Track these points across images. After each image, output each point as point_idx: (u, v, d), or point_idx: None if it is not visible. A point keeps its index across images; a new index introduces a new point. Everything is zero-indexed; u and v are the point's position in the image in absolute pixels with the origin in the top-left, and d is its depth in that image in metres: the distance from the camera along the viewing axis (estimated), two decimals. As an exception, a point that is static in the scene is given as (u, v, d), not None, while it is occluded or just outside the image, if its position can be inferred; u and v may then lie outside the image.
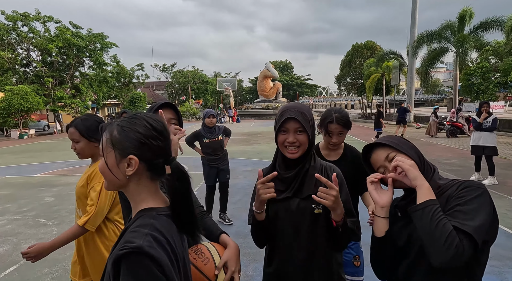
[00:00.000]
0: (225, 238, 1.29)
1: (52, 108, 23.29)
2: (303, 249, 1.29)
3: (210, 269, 1.14)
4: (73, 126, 1.81)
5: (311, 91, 69.27)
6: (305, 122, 1.28)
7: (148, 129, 0.87)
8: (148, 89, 51.98)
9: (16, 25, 22.59)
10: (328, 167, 1.37)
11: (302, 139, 1.28)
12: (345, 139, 2.06)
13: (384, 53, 25.70)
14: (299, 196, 1.30)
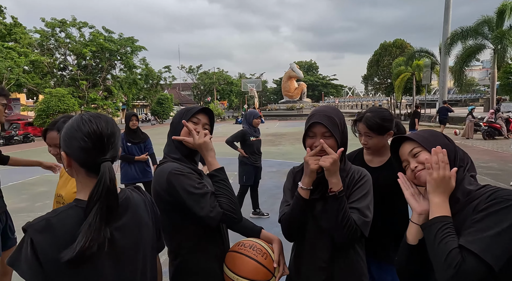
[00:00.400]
0: (266, 233, 1.42)
1: (86, 109, 24.51)
2: (326, 250, 1.30)
3: (270, 263, 1.26)
4: (55, 130, 1.66)
5: (337, 91, 68.07)
6: (333, 126, 1.29)
7: (75, 130, 0.91)
8: (175, 90, 53.40)
9: (54, 31, 24.03)
10: (356, 170, 1.36)
11: (329, 143, 1.28)
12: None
13: (415, 51, 24.71)
14: (325, 198, 1.31)
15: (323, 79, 64.49)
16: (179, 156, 1.34)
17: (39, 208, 5.77)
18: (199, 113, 1.39)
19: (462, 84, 20.27)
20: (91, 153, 0.91)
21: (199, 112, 1.39)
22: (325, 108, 1.38)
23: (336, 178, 1.24)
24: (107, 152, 0.93)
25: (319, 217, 1.32)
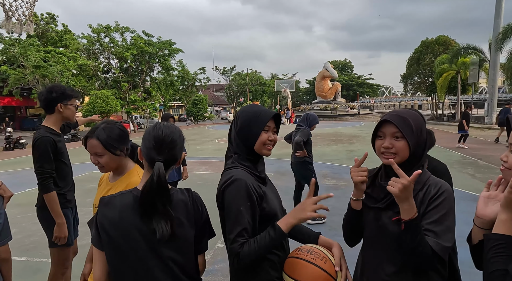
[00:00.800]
0: (325, 239, 1.39)
1: (127, 110, 25.78)
2: (392, 263, 1.22)
3: (330, 267, 1.22)
4: (95, 137, 1.53)
5: (373, 91, 65.73)
6: (405, 127, 1.18)
7: (148, 133, 1.22)
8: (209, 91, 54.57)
9: (100, 36, 25.55)
10: (434, 183, 1.20)
11: (399, 146, 1.19)
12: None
13: (460, 48, 23.13)
14: (392, 209, 1.22)
15: (358, 78, 62.58)
16: (249, 164, 1.31)
17: (90, 203, 6.13)
18: (274, 118, 1.37)
19: (516, 83, 18.66)
20: (151, 152, 1.18)
21: (273, 118, 1.36)
22: (400, 110, 1.30)
23: (408, 204, 1.10)
24: (162, 155, 1.16)
25: (386, 229, 1.23)
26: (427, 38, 29.64)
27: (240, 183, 1.21)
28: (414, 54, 30.07)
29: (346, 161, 9.38)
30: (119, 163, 1.59)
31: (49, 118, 2.32)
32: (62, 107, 2.28)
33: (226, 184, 1.23)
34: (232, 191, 1.21)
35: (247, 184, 1.21)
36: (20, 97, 22.60)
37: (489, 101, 20.62)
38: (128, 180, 1.55)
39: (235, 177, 1.22)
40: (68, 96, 2.29)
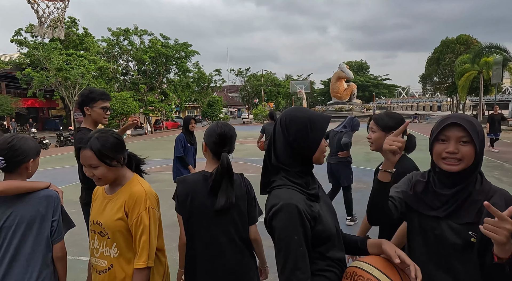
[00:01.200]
0: (372, 241, 1.26)
1: (144, 111, 26.28)
2: (450, 273, 1.17)
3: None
4: (88, 148, 1.39)
5: (389, 92, 64.55)
6: (473, 131, 1.11)
7: (213, 130, 1.67)
8: (223, 92, 54.94)
9: (119, 39, 26.17)
10: (499, 194, 1.14)
11: (466, 151, 1.11)
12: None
13: (483, 47, 22.39)
14: (453, 219, 1.16)
15: (374, 79, 61.61)
16: (300, 181, 1.15)
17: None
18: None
19: (543, 83, 17.88)
20: (217, 146, 1.61)
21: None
22: (461, 114, 1.23)
23: (510, 244, 0.97)
24: (226, 147, 1.63)
25: (445, 239, 1.17)
26: (448, 38, 28.90)
27: (290, 208, 1.06)
28: (433, 54, 29.38)
29: (364, 163, 9.22)
30: (116, 174, 1.47)
31: (85, 121, 2.47)
32: (89, 109, 2.41)
33: (274, 210, 1.08)
34: (282, 218, 1.06)
35: (299, 209, 1.06)
36: (43, 98, 23.40)
37: (514, 102, 19.83)
38: (130, 190, 1.45)
39: (284, 201, 1.08)
40: (92, 99, 2.39)
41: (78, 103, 2.43)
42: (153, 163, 10.70)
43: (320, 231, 1.12)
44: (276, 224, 1.08)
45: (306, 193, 1.14)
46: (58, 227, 1.53)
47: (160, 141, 19.03)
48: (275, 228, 1.09)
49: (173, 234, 4.36)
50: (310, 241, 1.10)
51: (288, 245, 1.05)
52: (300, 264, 1.05)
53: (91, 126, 2.44)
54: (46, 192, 1.53)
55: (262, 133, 7.86)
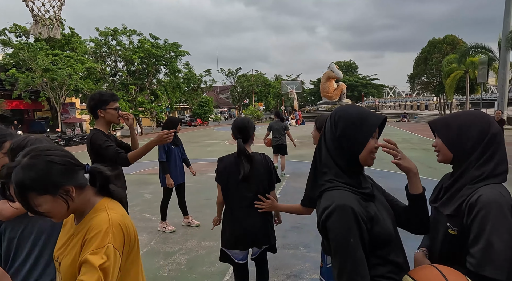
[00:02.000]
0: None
1: (134, 112, 25.88)
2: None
3: None
4: (13, 183, 0.97)
5: (378, 92, 65.48)
6: (437, 126, 1.30)
7: (235, 122, 2.44)
8: (213, 93, 54.65)
9: (107, 39, 25.67)
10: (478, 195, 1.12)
11: (437, 143, 1.29)
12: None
13: (469, 47, 22.97)
14: (442, 209, 1.24)
15: (363, 79, 62.37)
16: (351, 181, 1.11)
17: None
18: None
19: (527, 82, 18.47)
20: (235, 134, 2.32)
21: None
22: (447, 114, 1.38)
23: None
24: (241, 134, 2.29)
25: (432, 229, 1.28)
26: (434, 38, 29.49)
27: (344, 210, 1.02)
28: (421, 54, 29.93)
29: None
30: (74, 203, 1.04)
31: (98, 123, 2.57)
32: (102, 112, 2.50)
33: (328, 213, 1.04)
34: (336, 221, 1.02)
35: (353, 210, 1.02)
36: (29, 100, 22.76)
37: (499, 101, 20.43)
38: (90, 222, 1.04)
39: (337, 203, 1.03)
40: (104, 102, 2.48)
41: (90, 107, 2.50)
42: (146, 165, 10.53)
43: (378, 233, 1.07)
44: (330, 226, 1.03)
45: (359, 193, 1.10)
46: None
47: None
48: (329, 231, 1.04)
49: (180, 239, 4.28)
50: (367, 244, 1.05)
51: (345, 248, 1.00)
52: (359, 268, 0.99)
53: (104, 128, 2.55)
54: None
55: (269, 131, 7.84)
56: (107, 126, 2.56)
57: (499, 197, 1.08)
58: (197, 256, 3.76)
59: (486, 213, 1.06)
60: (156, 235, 4.49)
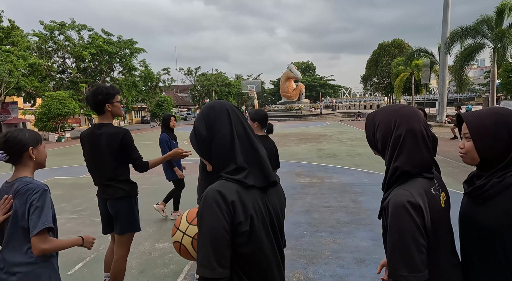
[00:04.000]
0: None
1: (86, 112, 24.33)
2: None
3: None
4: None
5: (334, 92, 68.38)
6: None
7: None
8: (172, 92, 53.19)
9: (53, 34, 23.83)
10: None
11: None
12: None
13: (414, 51, 24.91)
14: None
15: (320, 79, 64.74)
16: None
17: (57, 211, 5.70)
18: None
19: (462, 83, 20.47)
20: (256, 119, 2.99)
21: None
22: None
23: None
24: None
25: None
26: (384, 41, 31.50)
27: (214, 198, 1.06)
28: (372, 56, 31.83)
29: (317, 159, 9.65)
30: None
31: (104, 118, 2.51)
32: (110, 106, 2.46)
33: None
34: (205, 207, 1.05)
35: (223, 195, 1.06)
36: (-39, 98, 20.41)
37: (440, 101, 22.35)
38: None
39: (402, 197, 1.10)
40: (111, 95, 2.44)
41: (98, 102, 2.43)
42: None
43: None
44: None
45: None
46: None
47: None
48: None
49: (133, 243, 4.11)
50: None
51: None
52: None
53: (111, 121, 2.56)
54: None
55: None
56: (112, 120, 2.54)
57: (403, 198, 1.10)
58: (149, 258, 3.65)
59: (390, 216, 1.09)
60: (106, 239, 4.27)
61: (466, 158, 1.18)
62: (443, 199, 1.17)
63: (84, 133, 2.61)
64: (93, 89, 2.46)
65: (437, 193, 1.14)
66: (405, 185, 1.11)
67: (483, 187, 1.13)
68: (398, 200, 1.07)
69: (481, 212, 1.14)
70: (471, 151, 1.15)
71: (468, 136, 1.15)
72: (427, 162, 1.16)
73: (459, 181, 6.10)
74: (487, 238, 1.13)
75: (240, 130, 1.08)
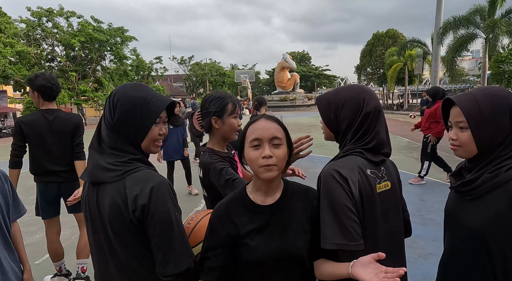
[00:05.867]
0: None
1: (76, 102, 24.01)
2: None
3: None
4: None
5: (330, 82, 68.11)
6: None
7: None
8: (166, 82, 52.59)
9: (41, 21, 23.25)
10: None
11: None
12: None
13: (407, 41, 24.76)
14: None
15: (315, 69, 64.33)
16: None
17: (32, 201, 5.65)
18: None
19: (454, 74, 20.47)
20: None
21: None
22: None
23: None
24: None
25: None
26: (378, 31, 31.27)
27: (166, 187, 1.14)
28: (366, 46, 31.61)
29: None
30: None
31: (52, 105, 2.64)
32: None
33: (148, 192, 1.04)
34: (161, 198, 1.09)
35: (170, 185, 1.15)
36: None
37: (432, 91, 22.36)
38: None
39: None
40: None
41: (57, 91, 2.58)
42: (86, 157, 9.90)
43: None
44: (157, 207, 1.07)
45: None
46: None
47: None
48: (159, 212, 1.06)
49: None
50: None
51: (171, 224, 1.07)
52: (187, 246, 1.09)
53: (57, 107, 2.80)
54: None
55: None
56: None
57: (332, 167, 1.12)
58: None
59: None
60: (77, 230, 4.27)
61: (460, 151, 1.04)
62: (384, 188, 1.12)
63: (29, 119, 2.53)
64: (53, 77, 2.53)
65: (374, 176, 1.10)
66: (340, 159, 1.13)
67: (473, 182, 0.99)
68: (327, 169, 1.09)
69: (469, 211, 1.02)
70: (469, 143, 1.00)
71: (464, 126, 1.00)
72: (384, 140, 1.14)
73: (440, 171, 6.13)
74: (472, 240, 1.01)
75: None
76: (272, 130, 1.04)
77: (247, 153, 1.05)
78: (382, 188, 1.12)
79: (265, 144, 1.02)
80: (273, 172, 1.02)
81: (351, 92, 1.17)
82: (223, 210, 1.11)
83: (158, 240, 1.01)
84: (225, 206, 1.12)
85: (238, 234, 1.06)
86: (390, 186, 1.15)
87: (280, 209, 1.08)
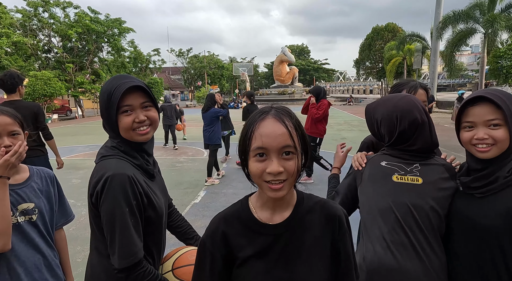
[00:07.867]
0: None
1: (73, 93, 23.86)
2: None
3: None
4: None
5: (328, 76, 67.92)
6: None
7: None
8: (164, 74, 52.35)
9: (37, 11, 22.96)
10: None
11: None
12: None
13: (406, 35, 24.68)
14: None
15: (314, 63, 64.09)
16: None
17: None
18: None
19: (452, 69, 20.46)
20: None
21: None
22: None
23: None
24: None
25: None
26: (378, 25, 31.11)
27: (121, 179, 1.07)
28: (366, 40, 31.49)
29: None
30: None
31: (13, 97, 3.07)
32: (21, 88, 3.16)
33: (103, 182, 1.10)
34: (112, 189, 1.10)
35: (130, 178, 1.07)
36: None
37: (430, 86, 22.41)
38: None
39: (114, 172, 1.10)
40: (22, 80, 3.17)
41: (15, 84, 3.05)
42: (82, 149, 9.90)
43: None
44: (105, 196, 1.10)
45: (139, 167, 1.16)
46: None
47: (92, 126, 17.56)
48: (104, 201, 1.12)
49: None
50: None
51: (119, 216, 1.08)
52: (134, 238, 1.07)
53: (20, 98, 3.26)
54: None
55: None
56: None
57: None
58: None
59: None
60: (77, 221, 4.32)
61: (494, 150, 0.99)
62: (407, 181, 1.14)
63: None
64: (11, 73, 2.98)
65: (391, 167, 1.19)
66: (372, 156, 1.31)
67: (487, 177, 0.99)
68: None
69: (479, 209, 1.01)
70: (505, 140, 0.97)
71: (499, 123, 0.97)
72: (421, 148, 1.18)
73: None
74: (483, 238, 1.00)
75: None
76: (282, 137, 0.78)
77: (250, 163, 0.80)
78: (405, 180, 1.15)
79: (272, 156, 0.77)
80: (283, 191, 0.78)
81: (388, 109, 1.22)
82: (215, 227, 0.87)
83: (105, 229, 1.04)
84: (219, 221, 0.88)
85: (232, 259, 0.84)
86: (422, 182, 1.15)
87: (288, 230, 0.84)
